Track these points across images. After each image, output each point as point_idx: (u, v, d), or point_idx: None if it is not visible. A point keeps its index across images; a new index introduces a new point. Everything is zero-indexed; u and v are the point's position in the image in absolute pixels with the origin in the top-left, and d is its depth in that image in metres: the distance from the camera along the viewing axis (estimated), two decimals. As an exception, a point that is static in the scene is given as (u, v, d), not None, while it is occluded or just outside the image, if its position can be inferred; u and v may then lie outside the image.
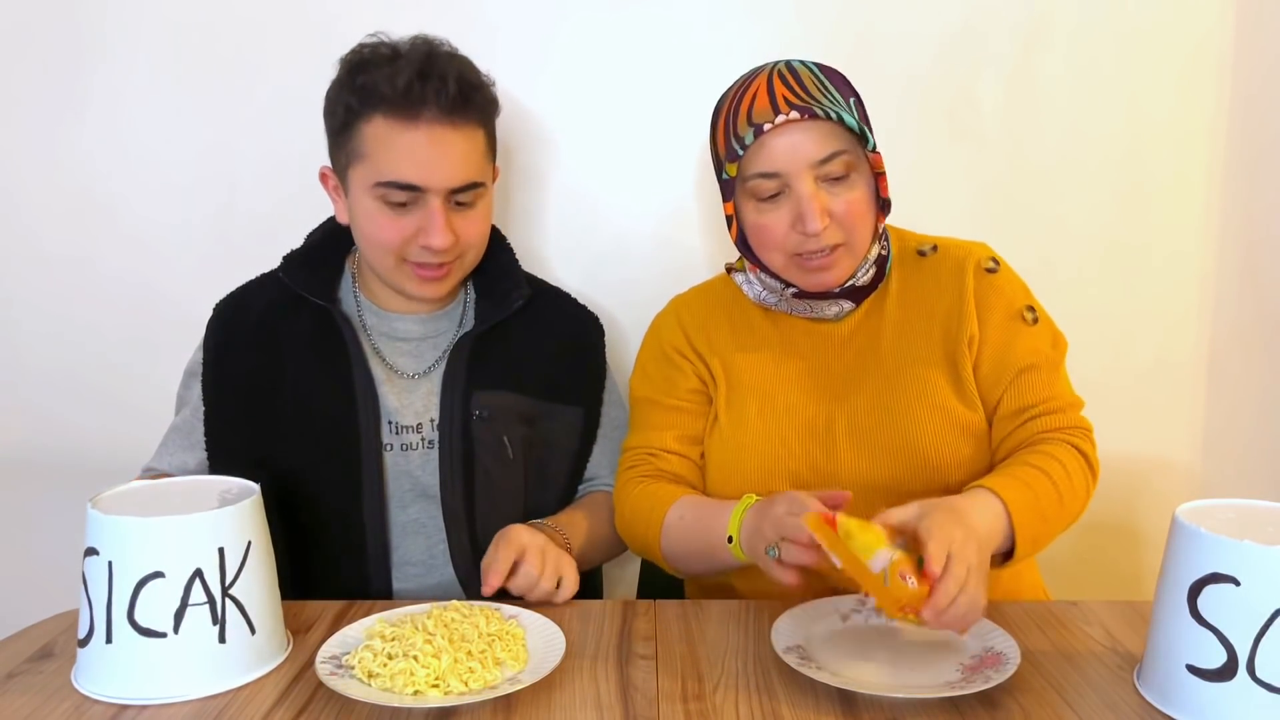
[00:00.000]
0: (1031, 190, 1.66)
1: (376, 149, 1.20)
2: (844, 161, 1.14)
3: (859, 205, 1.16)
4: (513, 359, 1.34)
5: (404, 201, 1.22)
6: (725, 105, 1.21)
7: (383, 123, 1.19)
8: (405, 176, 1.20)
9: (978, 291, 1.23)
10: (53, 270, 1.65)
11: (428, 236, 1.22)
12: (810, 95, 1.13)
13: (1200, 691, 0.88)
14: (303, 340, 1.30)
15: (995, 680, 0.94)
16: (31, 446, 1.69)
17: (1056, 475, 1.12)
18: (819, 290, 1.21)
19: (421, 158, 1.20)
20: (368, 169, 1.21)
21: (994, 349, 1.21)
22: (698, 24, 1.60)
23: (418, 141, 1.19)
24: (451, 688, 0.94)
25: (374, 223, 1.23)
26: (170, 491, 1.04)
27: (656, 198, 1.65)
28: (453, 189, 1.22)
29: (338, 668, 0.97)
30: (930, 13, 1.60)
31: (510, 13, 1.59)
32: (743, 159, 1.15)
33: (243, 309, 1.35)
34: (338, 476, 1.27)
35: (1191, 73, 1.64)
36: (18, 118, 1.61)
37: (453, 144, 1.21)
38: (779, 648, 1.00)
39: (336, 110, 1.23)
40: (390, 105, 1.18)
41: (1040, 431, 1.18)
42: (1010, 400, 1.20)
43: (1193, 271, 1.70)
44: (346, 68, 1.24)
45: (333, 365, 1.29)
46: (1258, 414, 1.69)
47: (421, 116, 1.19)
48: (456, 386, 1.29)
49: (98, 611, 0.94)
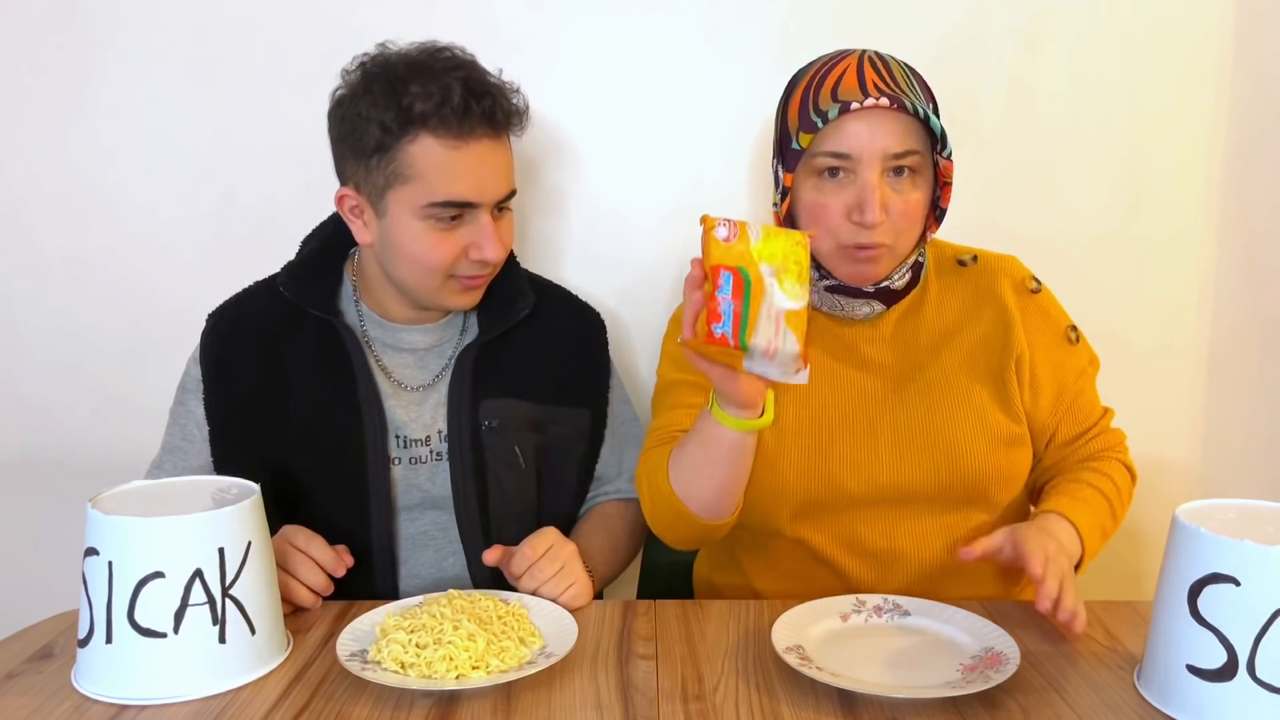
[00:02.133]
0: (1031, 190, 1.66)
1: (426, 170, 1.17)
2: (914, 161, 1.13)
3: (916, 208, 1.15)
4: (518, 365, 1.32)
5: (455, 217, 1.20)
6: (806, 78, 1.18)
7: (433, 143, 1.16)
8: (461, 195, 1.18)
9: (1024, 312, 1.24)
10: (53, 269, 1.65)
11: (481, 250, 1.21)
12: (900, 86, 1.12)
13: (1200, 691, 0.88)
14: (307, 354, 1.28)
15: (995, 680, 0.94)
16: (32, 445, 1.69)
17: (1109, 492, 1.21)
18: (857, 282, 1.19)
19: (475, 175, 1.19)
20: (416, 191, 1.18)
21: (1050, 375, 1.24)
22: (697, 25, 1.60)
23: (470, 159, 1.18)
24: (492, 667, 0.96)
25: (423, 243, 1.20)
26: (170, 491, 1.04)
27: (662, 197, 1.65)
28: (499, 200, 1.23)
29: (365, 663, 0.98)
30: (930, 13, 1.60)
31: (515, 14, 1.59)
32: (818, 134, 1.13)
33: (240, 322, 1.32)
34: (345, 491, 1.25)
35: (1191, 73, 1.64)
36: (18, 117, 1.61)
37: (499, 157, 1.22)
38: (779, 648, 1.00)
39: (366, 129, 1.17)
40: (441, 125, 1.16)
41: (1093, 453, 1.26)
42: (1066, 428, 1.26)
43: (1192, 271, 1.70)
44: (367, 81, 1.19)
45: (338, 380, 1.27)
46: (1258, 413, 1.70)
47: (473, 134, 1.17)
48: (463, 397, 1.28)
49: (98, 612, 0.94)
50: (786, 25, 1.60)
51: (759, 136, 1.63)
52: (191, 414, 1.31)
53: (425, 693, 0.94)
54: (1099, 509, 1.19)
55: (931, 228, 1.21)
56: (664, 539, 1.25)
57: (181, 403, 1.33)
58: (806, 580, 1.24)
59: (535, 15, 1.60)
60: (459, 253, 1.21)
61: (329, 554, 1.16)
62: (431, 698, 0.94)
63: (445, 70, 1.17)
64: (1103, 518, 1.19)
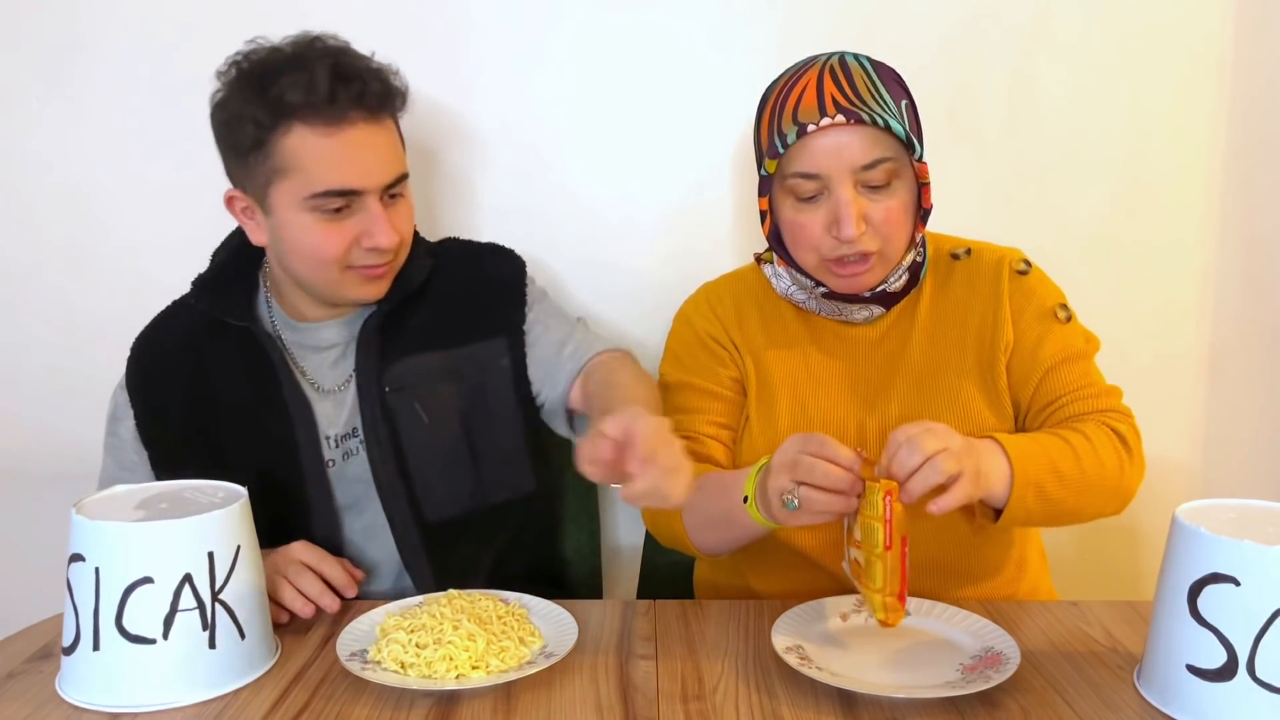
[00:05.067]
0: (1031, 190, 1.66)
1: (304, 160, 1.15)
2: (887, 169, 1.12)
3: (897, 213, 1.14)
4: (421, 323, 1.29)
5: (340, 207, 1.18)
6: (772, 97, 1.18)
7: (307, 132, 1.14)
8: (342, 182, 1.16)
9: (1011, 297, 1.22)
10: (50, 271, 1.64)
11: (373, 238, 1.19)
12: (859, 98, 1.11)
13: (1200, 691, 0.88)
14: (231, 365, 1.27)
15: (995, 680, 0.94)
16: (31, 447, 1.69)
17: (1075, 441, 1.11)
18: (850, 291, 1.19)
19: (354, 160, 1.16)
20: (296, 183, 1.16)
21: (1025, 347, 1.20)
22: (695, 25, 1.60)
23: (347, 145, 1.16)
24: (492, 667, 0.96)
25: (312, 236, 1.18)
26: (156, 496, 1.03)
27: (661, 198, 1.65)
28: (386, 185, 1.20)
29: (365, 663, 0.98)
30: (930, 13, 1.60)
31: (503, 13, 1.59)
32: (784, 156, 1.14)
33: (161, 345, 1.32)
34: (286, 497, 1.24)
35: (1191, 73, 1.64)
36: (15, 120, 1.61)
37: (380, 140, 1.19)
38: (779, 648, 1.00)
39: (241, 127, 1.16)
40: (312, 113, 1.14)
41: (1071, 415, 1.17)
42: (1041, 395, 1.19)
43: (1193, 271, 1.70)
44: (240, 80, 1.17)
45: (263, 387, 1.26)
46: (1258, 414, 1.69)
47: (346, 119, 1.15)
48: (369, 373, 1.26)
49: (84, 618, 0.93)
50: (786, 25, 1.60)
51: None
52: (126, 442, 1.30)
53: (425, 693, 0.94)
54: (1050, 446, 1.08)
55: (919, 228, 1.20)
56: (658, 540, 1.27)
57: (114, 434, 1.32)
58: (801, 581, 1.23)
59: (532, 16, 1.59)
60: (350, 242, 1.19)
61: (341, 575, 1.15)
62: (431, 698, 0.94)
63: (314, 58, 1.15)
64: (1055, 455, 1.07)
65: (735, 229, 1.65)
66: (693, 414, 1.27)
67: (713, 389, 1.27)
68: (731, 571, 1.33)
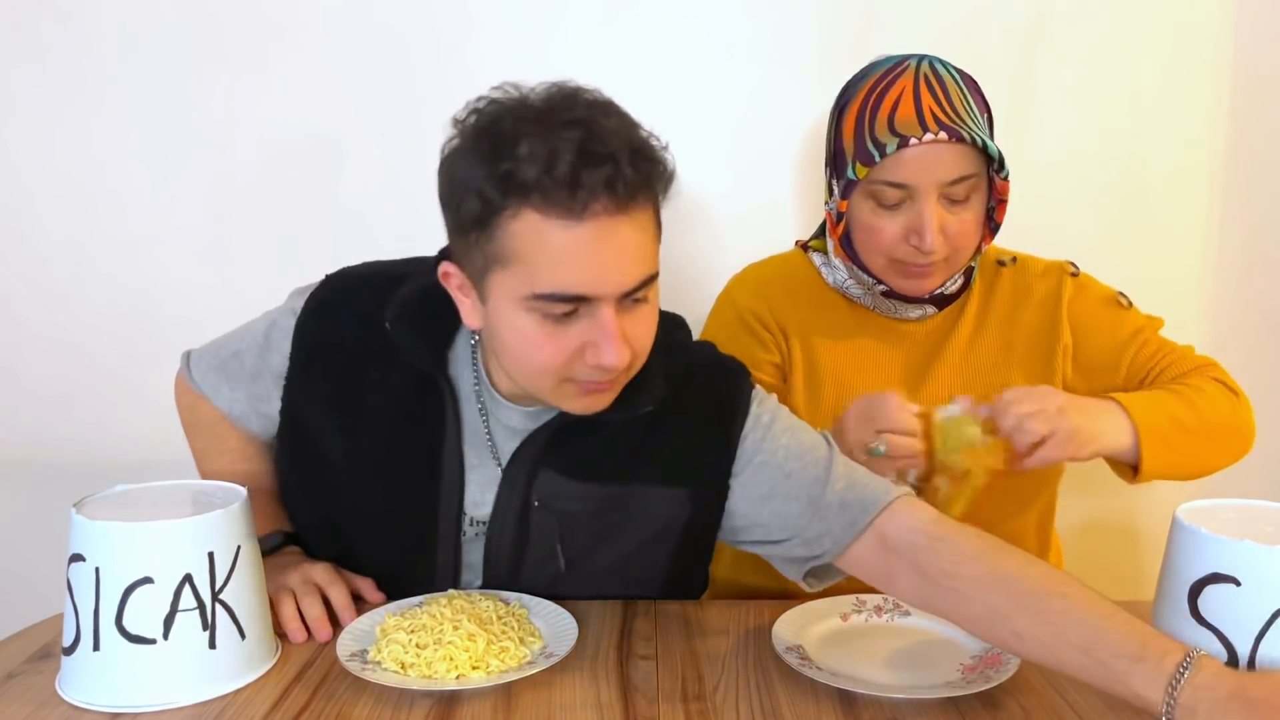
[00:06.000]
0: (1031, 190, 1.66)
1: (531, 253, 0.92)
2: (970, 184, 1.15)
3: (971, 226, 1.17)
4: (604, 442, 1.09)
5: (567, 313, 0.95)
6: (860, 97, 1.17)
7: (538, 220, 0.91)
8: (571, 287, 0.93)
9: (1065, 293, 1.27)
10: (51, 269, 1.65)
11: (599, 354, 0.95)
12: (957, 114, 1.13)
13: (1200, 691, 0.88)
14: (394, 392, 1.09)
15: (995, 680, 0.94)
16: (31, 445, 1.69)
17: (1186, 393, 1.17)
18: (911, 294, 1.22)
19: (591, 261, 0.93)
20: (519, 277, 0.94)
21: (1097, 339, 1.25)
22: (695, 25, 1.60)
23: (585, 241, 0.91)
24: (492, 668, 0.96)
25: (528, 342, 0.96)
26: (155, 495, 1.02)
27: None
28: (628, 291, 0.95)
29: (365, 663, 0.98)
30: (930, 13, 1.60)
31: (507, 11, 1.59)
32: (877, 165, 1.15)
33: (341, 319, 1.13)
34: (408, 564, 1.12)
35: (1191, 73, 1.64)
36: (17, 117, 1.61)
37: (628, 238, 0.93)
38: (779, 648, 1.00)
39: (467, 198, 0.93)
40: (547, 197, 0.90)
41: (1170, 378, 1.22)
42: (1134, 372, 1.24)
43: (1192, 271, 1.70)
44: (474, 145, 0.94)
45: (423, 437, 1.09)
46: (1257, 414, 1.69)
47: (590, 208, 0.90)
48: (521, 467, 1.09)
49: (84, 618, 0.92)
50: (786, 26, 1.60)
51: (758, 138, 1.63)
52: (272, 363, 1.15)
53: (425, 693, 0.94)
54: (1166, 400, 1.16)
55: (986, 239, 1.22)
56: None
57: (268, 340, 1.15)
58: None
59: (529, 19, 1.59)
60: (574, 354, 0.96)
61: (344, 600, 1.08)
62: (431, 698, 0.94)
63: (561, 125, 0.91)
64: (1173, 407, 1.15)
65: (737, 231, 1.64)
66: None
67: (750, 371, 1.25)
68: (758, 570, 1.31)
